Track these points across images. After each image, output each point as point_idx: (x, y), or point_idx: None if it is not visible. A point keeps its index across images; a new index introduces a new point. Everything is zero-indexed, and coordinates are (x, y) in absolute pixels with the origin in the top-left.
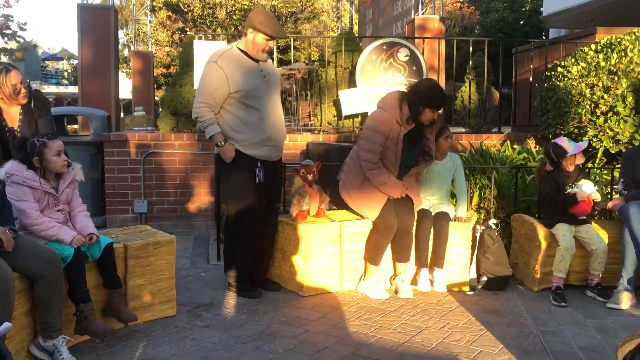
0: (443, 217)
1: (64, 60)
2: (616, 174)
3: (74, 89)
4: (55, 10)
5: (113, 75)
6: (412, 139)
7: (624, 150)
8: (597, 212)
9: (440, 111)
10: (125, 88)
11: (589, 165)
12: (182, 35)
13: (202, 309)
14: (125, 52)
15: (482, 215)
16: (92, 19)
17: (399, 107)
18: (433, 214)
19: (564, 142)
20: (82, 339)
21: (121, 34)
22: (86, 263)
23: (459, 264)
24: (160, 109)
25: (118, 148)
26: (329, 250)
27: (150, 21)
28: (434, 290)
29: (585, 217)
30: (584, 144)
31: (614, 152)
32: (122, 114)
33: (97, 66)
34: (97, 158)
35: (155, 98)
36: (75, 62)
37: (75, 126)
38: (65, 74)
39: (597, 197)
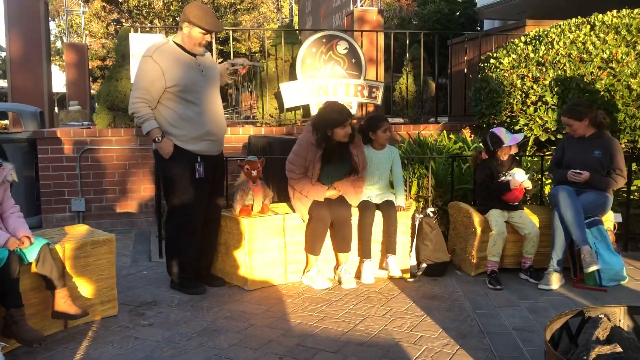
0: (391, 205)
1: None
2: (546, 161)
3: (2, 83)
4: None
5: (45, 69)
6: (339, 156)
7: (552, 138)
8: (528, 199)
9: (349, 127)
10: (59, 82)
11: (520, 153)
12: (118, 26)
13: (145, 307)
14: (58, 44)
15: (421, 203)
16: (20, 10)
17: (312, 131)
18: (379, 203)
19: (501, 132)
20: (18, 345)
21: (53, 25)
22: (21, 266)
23: (399, 251)
24: (96, 104)
25: (52, 145)
26: (273, 244)
27: (83, 12)
28: (390, 276)
29: (517, 203)
30: (519, 136)
31: (543, 139)
32: (56, 109)
33: (28, 59)
34: (30, 156)
35: (92, 92)
36: (3, 54)
37: (5, 122)
38: None
39: (529, 185)
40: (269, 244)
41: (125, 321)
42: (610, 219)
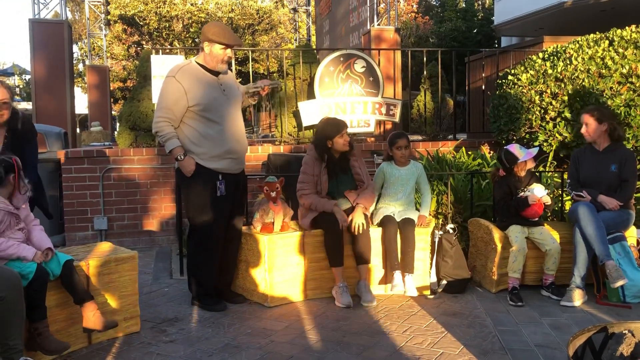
0: (409, 223)
1: (16, 75)
2: (566, 176)
3: (26, 105)
4: (4, 25)
5: (68, 91)
6: (342, 169)
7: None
8: (549, 215)
9: (346, 136)
10: (81, 103)
11: (540, 169)
12: (139, 48)
13: (167, 324)
14: (80, 67)
15: (440, 220)
16: (44, 34)
17: (313, 148)
18: (398, 220)
19: (515, 149)
20: (44, 359)
21: (75, 48)
22: (48, 281)
23: (420, 268)
24: (117, 124)
25: (76, 165)
26: (293, 260)
27: (105, 35)
28: (406, 295)
29: (537, 219)
30: (534, 151)
31: (562, 155)
32: (78, 130)
33: (51, 81)
34: (54, 175)
35: (113, 112)
36: (27, 77)
37: None
38: (17, 89)
39: (548, 200)
40: (289, 261)
41: (148, 337)
42: (633, 235)
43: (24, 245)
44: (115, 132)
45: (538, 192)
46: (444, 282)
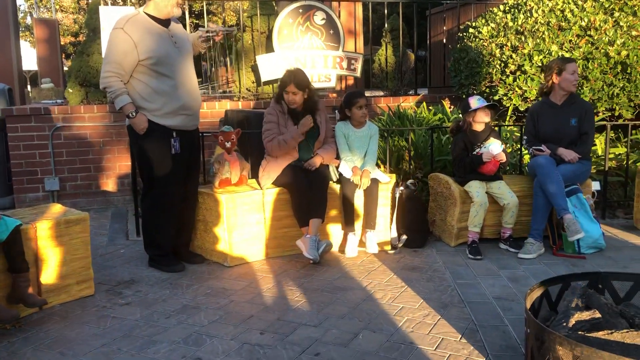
0: (372, 180)
1: None
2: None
3: None
4: None
5: (14, 45)
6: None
7: None
8: (507, 169)
9: (294, 95)
10: (30, 59)
11: (497, 122)
12: (89, 0)
13: (123, 286)
14: (28, 21)
15: (401, 176)
16: None
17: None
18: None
19: (472, 99)
20: None
21: (21, 0)
22: None
23: (381, 224)
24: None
25: (22, 123)
26: (253, 219)
27: None
28: (367, 252)
29: (495, 174)
30: (486, 103)
31: (522, 109)
32: (28, 87)
33: None
34: None
35: (65, 69)
36: None
37: None
38: None
39: (502, 157)
40: (249, 220)
41: (103, 301)
42: (590, 186)
43: None
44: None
45: (494, 149)
46: (404, 237)
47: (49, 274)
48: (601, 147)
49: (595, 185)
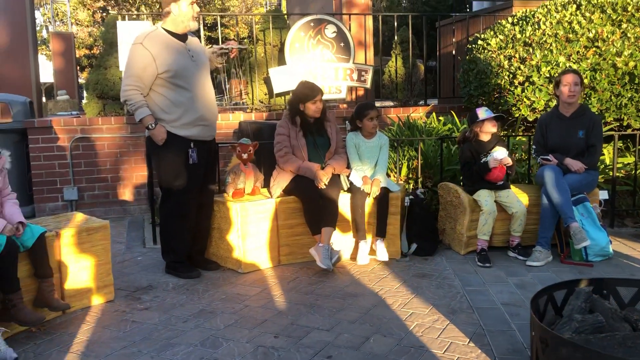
0: (383, 190)
1: None
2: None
3: None
4: None
5: (32, 58)
6: (317, 133)
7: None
8: (514, 175)
9: (320, 104)
10: (47, 71)
11: (506, 132)
12: (104, 14)
13: (141, 292)
14: (44, 34)
15: (411, 185)
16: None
17: (288, 109)
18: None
19: (480, 110)
20: (18, 329)
21: (38, 14)
22: (18, 253)
23: (391, 232)
24: (84, 92)
25: (43, 135)
26: (265, 227)
27: (68, 0)
28: (377, 260)
29: (503, 182)
30: (493, 114)
31: (531, 119)
32: (44, 99)
33: (14, 49)
34: (20, 146)
35: (80, 80)
36: None
37: None
38: None
39: (508, 161)
40: (262, 228)
41: (122, 306)
42: (597, 196)
43: None
44: (83, 101)
45: (498, 155)
46: (414, 245)
47: (71, 280)
48: (609, 156)
49: (603, 194)
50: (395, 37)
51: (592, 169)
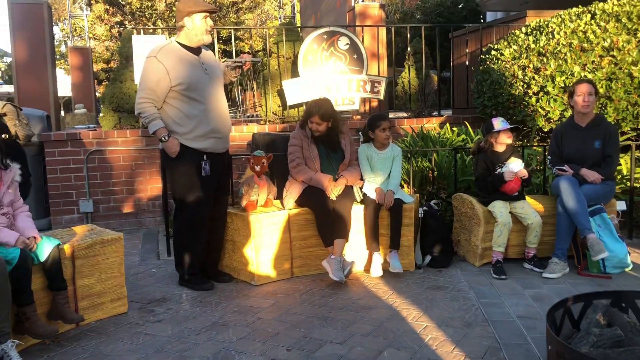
0: (396, 202)
1: None
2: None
3: (8, 88)
4: None
5: (50, 73)
6: (330, 147)
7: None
8: (530, 187)
9: (318, 125)
10: (65, 85)
11: (521, 143)
12: (121, 28)
13: (154, 304)
14: (62, 48)
15: (425, 196)
16: (24, 15)
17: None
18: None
19: (496, 120)
20: (32, 342)
21: (56, 29)
22: (32, 265)
23: (405, 244)
24: (101, 106)
25: (59, 148)
26: (279, 239)
27: (86, 15)
28: (391, 272)
29: (518, 194)
30: (509, 125)
31: (546, 130)
32: (62, 112)
33: (33, 63)
34: (38, 159)
35: (97, 94)
36: (8, 60)
37: None
38: None
39: (524, 173)
40: (275, 240)
41: (135, 318)
42: (614, 206)
43: (6, 230)
44: (100, 114)
45: (514, 167)
46: (429, 257)
47: (85, 292)
48: (627, 166)
49: (620, 205)
50: (409, 49)
51: (609, 180)
